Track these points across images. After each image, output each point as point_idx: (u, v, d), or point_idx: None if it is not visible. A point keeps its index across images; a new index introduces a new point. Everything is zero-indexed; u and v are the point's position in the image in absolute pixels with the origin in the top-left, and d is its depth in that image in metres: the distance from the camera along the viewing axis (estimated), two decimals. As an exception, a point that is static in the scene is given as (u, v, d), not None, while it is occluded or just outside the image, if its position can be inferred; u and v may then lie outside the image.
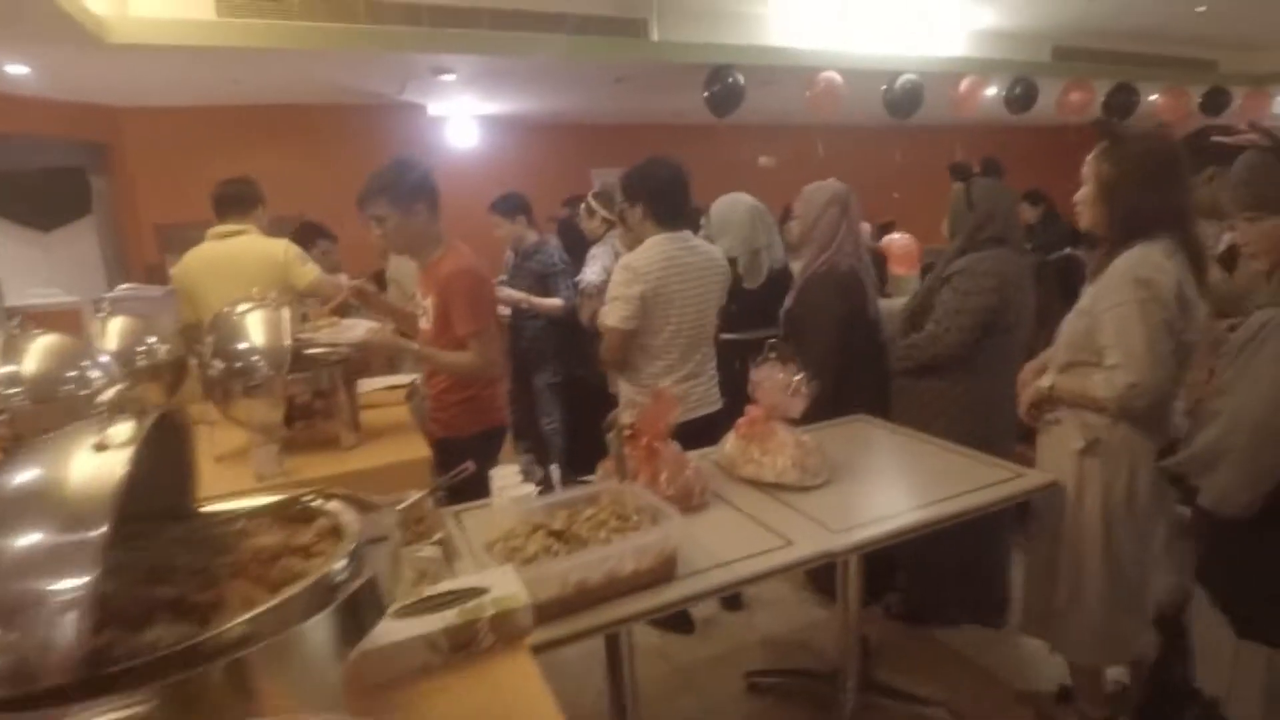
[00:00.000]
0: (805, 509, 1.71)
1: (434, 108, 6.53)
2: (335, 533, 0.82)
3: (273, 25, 3.99)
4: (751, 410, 1.97)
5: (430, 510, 1.76)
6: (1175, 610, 1.90)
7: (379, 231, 2.27)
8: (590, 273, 3.63)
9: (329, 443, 2.13)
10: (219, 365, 2.04)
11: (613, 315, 2.34)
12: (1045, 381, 1.91)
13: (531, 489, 1.72)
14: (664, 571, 1.41)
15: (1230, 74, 7.60)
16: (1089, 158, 1.83)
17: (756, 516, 1.69)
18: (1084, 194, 1.84)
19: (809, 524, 1.63)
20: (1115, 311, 1.72)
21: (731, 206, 3.13)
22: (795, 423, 1.94)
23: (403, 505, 1.78)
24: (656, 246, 2.35)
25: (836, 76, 5.63)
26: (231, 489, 1.94)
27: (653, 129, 8.34)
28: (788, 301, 2.75)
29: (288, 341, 2.01)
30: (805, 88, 5.74)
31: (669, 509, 1.45)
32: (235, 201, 3.03)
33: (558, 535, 1.46)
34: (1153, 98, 7.38)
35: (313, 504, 0.89)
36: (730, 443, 1.98)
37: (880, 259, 4.91)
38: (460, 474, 1.94)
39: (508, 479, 1.77)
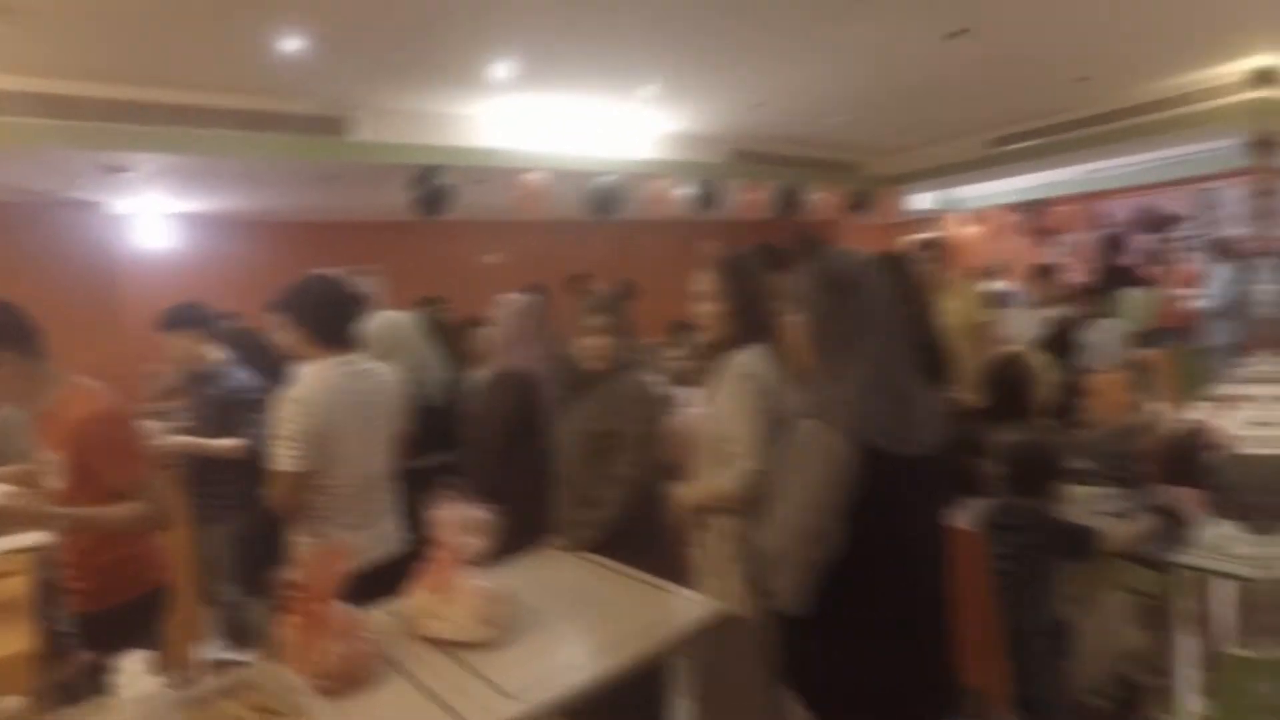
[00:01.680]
0: (487, 670, 1.60)
1: (115, 204, 5.87)
2: None
3: None
4: (435, 555, 1.81)
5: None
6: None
7: None
8: None
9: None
10: None
11: (283, 458, 2.09)
12: (683, 496, 2.13)
13: (155, 684, 1.41)
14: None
15: (871, 175, 9.17)
16: (708, 278, 2.11)
17: (430, 688, 1.54)
18: (713, 311, 2.11)
19: (486, 691, 1.52)
20: (729, 405, 2.00)
21: (397, 324, 2.96)
22: (490, 559, 1.83)
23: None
24: (321, 374, 2.16)
25: (539, 177, 5.87)
26: None
27: (377, 225, 8.07)
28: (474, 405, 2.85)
29: None
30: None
31: (312, 701, 1.30)
32: None
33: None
34: (816, 196, 8.73)
35: None
36: (413, 595, 1.82)
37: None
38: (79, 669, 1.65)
39: (131, 670, 1.43)
